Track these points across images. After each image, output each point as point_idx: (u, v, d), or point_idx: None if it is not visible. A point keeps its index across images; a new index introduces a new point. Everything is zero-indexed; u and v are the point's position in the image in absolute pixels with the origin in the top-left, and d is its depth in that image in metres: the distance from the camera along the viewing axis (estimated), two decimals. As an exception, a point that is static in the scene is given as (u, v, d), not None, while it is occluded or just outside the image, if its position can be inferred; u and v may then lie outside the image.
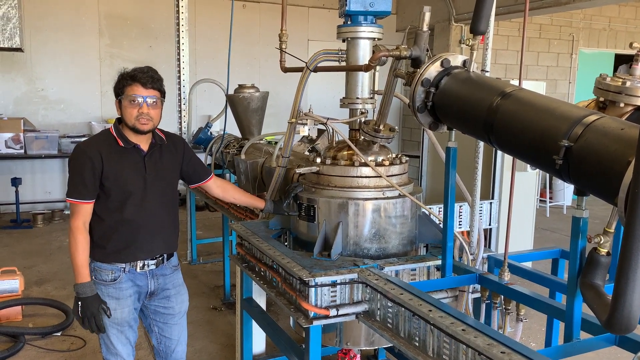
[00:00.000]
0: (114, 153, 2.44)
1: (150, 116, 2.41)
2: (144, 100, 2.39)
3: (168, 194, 2.60)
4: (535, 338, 4.07)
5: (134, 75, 2.39)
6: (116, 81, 2.46)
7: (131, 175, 2.46)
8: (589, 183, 1.54)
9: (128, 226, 2.46)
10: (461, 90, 2.00)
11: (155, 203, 2.52)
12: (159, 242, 2.56)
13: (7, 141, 7.19)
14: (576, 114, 1.61)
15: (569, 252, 1.73)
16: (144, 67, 2.47)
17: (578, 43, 10.10)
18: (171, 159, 2.60)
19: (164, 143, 2.58)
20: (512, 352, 1.58)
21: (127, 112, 2.40)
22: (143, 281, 2.56)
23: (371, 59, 2.38)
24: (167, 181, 2.58)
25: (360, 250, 2.54)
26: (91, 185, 2.39)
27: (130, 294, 2.52)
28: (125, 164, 2.45)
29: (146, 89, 2.39)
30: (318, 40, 8.98)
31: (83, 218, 2.42)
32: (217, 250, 5.96)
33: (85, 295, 2.41)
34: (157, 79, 2.44)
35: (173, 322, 2.70)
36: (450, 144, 2.22)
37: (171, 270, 2.66)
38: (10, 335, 3.96)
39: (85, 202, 2.41)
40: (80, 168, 2.39)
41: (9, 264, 4.71)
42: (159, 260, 2.58)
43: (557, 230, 7.43)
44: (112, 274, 2.48)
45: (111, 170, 2.41)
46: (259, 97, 4.34)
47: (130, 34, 8.31)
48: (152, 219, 2.51)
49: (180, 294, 2.72)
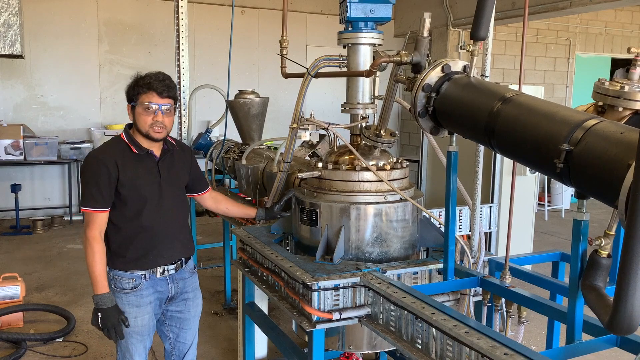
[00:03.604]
0: (129, 160, 2.43)
1: (164, 124, 2.41)
2: (159, 108, 2.38)
3: (181, 198, 2.62)
4: (535, 341, 4.08)
5: (149, 83, 2.38)
6: (130, 86, 2.44)
7: (147, 181, 2.45)
8: (590, 186, 1.56)
9: (146, 233, 2.45)
10: (462, 96, 2.02)
11: (170, 208, 2.52)
12: (178, 246, 2.57)
13: (7, 147, 7.21)
14: (576, 118, 1.63)
15: (570, 255, 1.75)
16: (158, 74, 2.45)
17: (575, 47, 10.16)
18: (182, 164, 2.63)
19: (175, 149, 2.59)
20: (515, 354, 1.60)
21: (141, 120, 2.40)
22: (164, 286, 2.55)
23: (372, 65, 2.41)
24: (179, 186, 2.61)
25: (363, 254, 2.56)
26: (107, 194, 2.37)
27: (151, 300, 2.51)
28: (141, 170, 2.45)
29: (162, 97, 2.39)
30: (317, 45, 9.02)
31: (99, 227, 2.39)
32: (218, 256, 5.97)
33: (105, 307, 2.39)
34: (172, 87, 2.44)
35: (188, 327, 2.70)
36: (452, 149, 2.24)
37: (189, 274, 2.67)
38: (12, 341, 3.96)
39: (101, 210, 2.38)
40: (96, 176, 2.36)
41: (9, 270, 4.72)
42: (178, 264, 2.58)
43: (555, 234, 7.46)
44: (133, 281, 2.46)
45: (127, 177, 2.39)
46: (259, 102, 4.35)
47: (129, 40, 8.34)
48: (169, 223, 2.52)
49: (197, 298, 2.73)
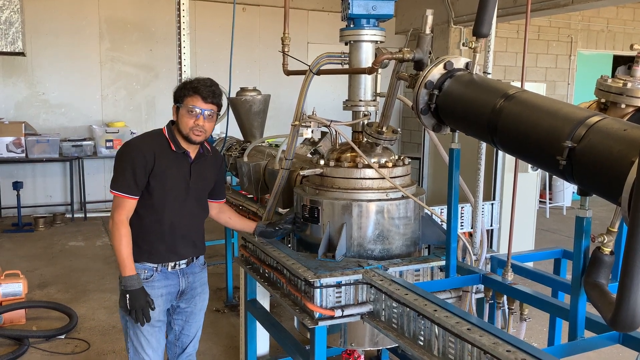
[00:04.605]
0: (165, 155, 2.48)
1: (205, 129, 2.46)
2: (201, 112, 2.43)
3: (203, 202, 2.68)
4: (537, 338, 4.09)
5: (196, 87, 2.42)
6: (178, 87, 2.50)
7: (177, 179, 2.51)
8: (593, 183, 1.56)
9: (164, 228, 2.50)
10: (464, 93, 2.02)
11: (192, 209, 2.58)
12: (191, 246, 2.62)
13: (9, 145, 7.21)
14: (579, 115, 1.63)
15: (573, 252, 1.76)
16: (206, 80, 2.49)
17: (576, 44, 10.14)
18: (211, 170, 2.68)
19: (209, 154, 2.65)
20: (517, 351, 1.60)
21: (184, 121, 2.45)
22: (174, 280, 2.59)
23: (375, 62, 2.40)
24: (204, 190, 2.66)
25: (364, 251, 2.56)
26: (141, 181, 2.42)
27: (162, 293, 2.55)
28: (174, 167, 2.50)
29: (206, 103, 2.44)
30: (318, 43, 9.01)
31: (126, 213, 2.43)
32: (219, 253, 5.97)
33: (133, 288, 2.41)
34: (217, 94, 2.48)
35: (193, 321, 2.75)
36: (454, 146, 2.24)
37: (200, 269, 2.72)
38: (15, 338, 3.97)
39: (132, 197, 2.43)
40: (133, 163, 2.41)
41: (11, 268, 4.72)
42: (189, 259, 2.63)
43: (557, 231, 7.46)
44: (145, 273, 2.50)
45: (160, 170, 2.45)
46: (261, 100, 4.35)
47: (130, 37, 8.33)
48: (188, 224, 2.57)
49: (204, 292, 2.78)
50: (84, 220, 7.81)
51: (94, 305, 4.69)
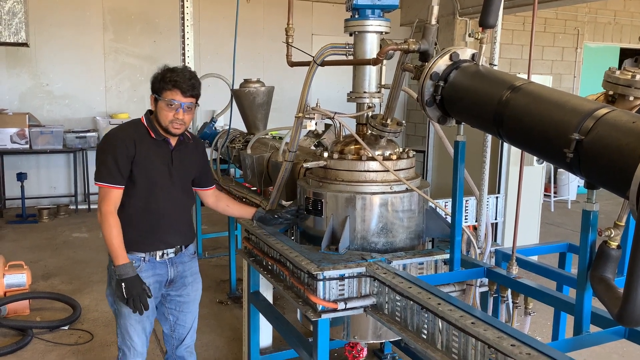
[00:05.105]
0: (146, 143, 2.49)
1: (184, 121, 2.47)
2: (181, 106, 2.43)
3: (187, 189, 2.68)
4: (540, 332, 4.07)
5: (176, 81, 2.40)
6: (156, 78, 2.47)
7: (158, 166, 2.52)
8: (600, 176, 1.54)
9: (150, 216, 2.52)
10: (470, 84, 1.99)
11: (177, 196, 2.59)
12: (178, 234, 2.62)
13: (13, 136, 7.22)
14: (587, 107, 1.61)
15: (579, 245, 1.74)
16: (185, 71, 2.47)
17: (583, 37, 10.05)
18: (193, 157, 2.68)
19: (189, 141, 2.65)
20: (522, 345, 1.59)
21: (163, 114, 2.45)
22: (163, 269, 2.60)
23: (380, 53, 2.38)
24: (187, 177, 2.66)
25: (368, 244, 2.55)
26: (124, 170, 2.43)
27: (150, 283, 2.54)
28: (155, 155, 2.51)
29: (185, 96, 2.43)
30: (322, 34, 8.97)
31: (114, 203, 2.44)
32: (223, 245, 5.97)
33: (128, 276, 2.41)
34: (196, 86, 2.47)
35: (187, 310, 2.75)
36: (459, 138, 2.22)
37: (189, 258, 2.72)
38: (19, 328, 3.98)
39: (117, 187, 2.44)
40: (114, 153, 2.42)
41: (15, 258, 4.73)
42: (177, 248, 2.63)
43: (561, 225, 7.43)
44: (133, 263, 2.49)
45: (141, 158, 2.46)
46: (264, 91, 4.33)
47: (134, 28, 8.31)
48: (174, 211, 2.58)
49: (196, 282, 2.77)
50: (87, 211, 7.82)
51: (98, 296, 4.70)
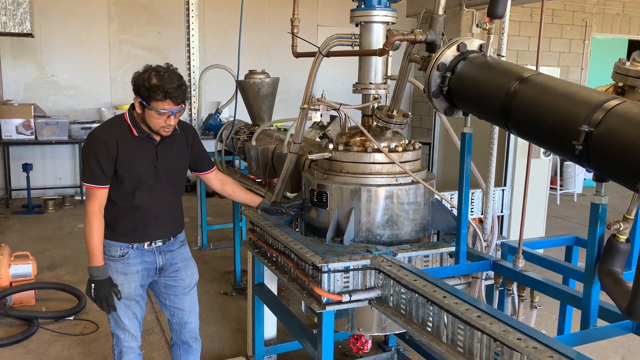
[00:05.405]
0: (129, 141, 2.47)
1: (174, 123, 2.46)
2: (173, 114, 2.40)
3: (177, 182, 2.66)
4: (545, 325, 4.06)
5: (167, 91, 2.31)
6: (141, 84, 2.34)
7: (143, 163, 2.50)
8: (610, 169, 1.52)
9: (138, 212, 2.52)
10: (478, 75, 1.97)
11: (164, 191, 2.57)
12: (167, 226, 2.63)
13: (18, 127, 7.22)
14: (597, 99, 1.58)
15: (587, 239, 1.72)
16: (172, 77, 2.34)
17: (591, 29, 9.95)
18: (182, 147, 2.64)
19: (176, 132, 2.59)
20: (528, 339, 1.58)
21: (153, 121, 2.40)
22: (151, 257, 2.61)
23: (386, 43, 2.35)
24: (176, 170, 2.64)
25: (373, 237, 2.54)
26: (107, 171, 2.44)
27: (138, 270, 2.57)
28: (138, 152, 2.49)
29: (177, 104, 2.38)
30: (328, 25, 8.91)
31: (99, 203, 2.47)
32: (227, 237, 5.97)
33: (99, 278, 2.48)
34: (186, 90, 2.42)
35: (183, 294, 2.76)
36: (466, 130, 2.20)
37: (178, 246, 2.72)
38: (24, 318, 4.00)
39: (100, 187, 2.46)
40: (96, 154, 2.42)
41: (21, 249, 4.74)
42: (165, 238, 2.64)
43: (567, 218, 7.39)
44: (121, 250, 2.54)
45: (125, 157, 2.45)
46: (269, 83, 4.31)
47: (139, 19, 8.28)
48: (162, 206, 2.58)
49: (189, 267, 2.77)
50: (93, 202, 7.83)
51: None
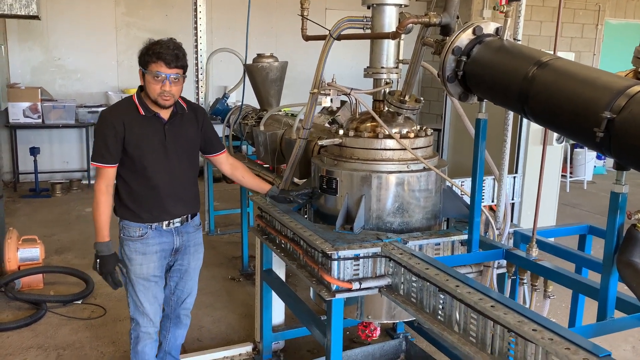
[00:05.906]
0: (136, 121, 2.53)
1: (172, 93, 2.48)
2: (167, 78, 2.43)
3: (189, 160, 2.68)
4: (555, 314, 4.02)
5: (159, 53, 2.41)
6: (141, 52, 2.47)
7: (152, 142, 2.55)
8: (632, 157, 1.47)
9: (152, 191, 2.58)
10: (494, 59, 1.92)
11: (177, 170, 2.61)
12: (182, 205, 2.68)
13: (25, 110, 7.21)
14: (619, 85, 1.53)
15: (606, 228, 1.67)
16: (169, 42, 2.46)
17: (604, 13, 9.78)
18: (191, 127, 2.67)
19: (185, 112, 2.64)
20: (544, 330, 1.54)
21: (151, 87, 2.46)
22: (169, 237, 2.66)
23: (399, 26, 2.29)
24: (187, 149, 2.66)
25: (383, 224, 2.50)
26: (114, 151, 2.50)
27: (157, 250, 2.63)
28: (146, 131, 2.54)
29: (170, 67, 2.43)
30: (337, 9, 8.80)
31: (106, 181, 2.55)
32: (235, 222, 5.97)
33: (103, 254, 2.57)
34: (181, 57, 2.47)
35: (188, 278, 2.83)
36: (481, 116, 2.15)
37: (194, 229, 2.78)
38: (33, 302, 4.02)
39: (107, 165, 2.53)
40: (104, 134, 2.51)
41: (29, 233, 4.75)
42: (183, 218, 2.69)
43: (577, 206, 7.33)
44: (140, 230, 2.60)
45: (133, 137, 2.51)
46: (278, 67, 4.25)
47: (146, 2, 8.20)
48: (175, 184, 2.62)
49: (198, 252, 2.83)
50: (100, 186, 7.84)
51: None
